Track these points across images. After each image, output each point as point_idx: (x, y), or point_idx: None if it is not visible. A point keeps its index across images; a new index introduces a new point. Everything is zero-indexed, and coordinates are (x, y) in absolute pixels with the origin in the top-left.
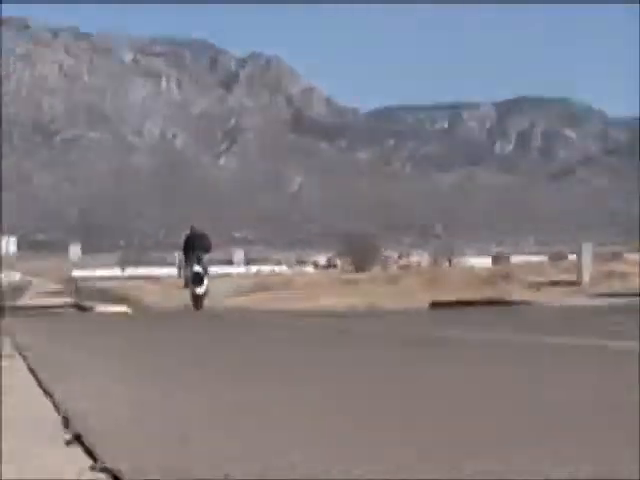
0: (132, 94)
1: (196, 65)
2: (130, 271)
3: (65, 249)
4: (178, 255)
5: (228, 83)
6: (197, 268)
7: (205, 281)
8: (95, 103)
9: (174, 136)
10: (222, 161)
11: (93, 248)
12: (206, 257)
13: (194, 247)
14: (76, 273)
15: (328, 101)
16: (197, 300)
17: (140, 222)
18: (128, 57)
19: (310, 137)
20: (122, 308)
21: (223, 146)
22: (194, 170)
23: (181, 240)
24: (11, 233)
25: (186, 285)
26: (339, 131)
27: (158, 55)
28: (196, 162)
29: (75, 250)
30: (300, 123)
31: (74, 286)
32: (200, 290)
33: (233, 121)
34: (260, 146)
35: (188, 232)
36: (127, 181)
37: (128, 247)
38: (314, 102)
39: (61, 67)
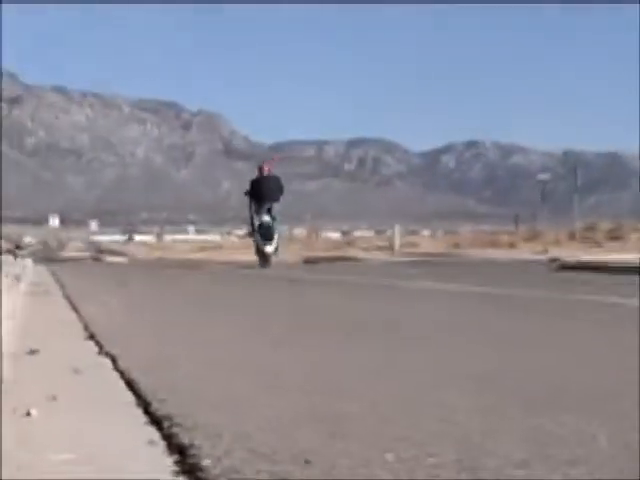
0: (129, 132)
1: (167, 115)
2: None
3: (87, 225)
4: (249, 204)
5: (186, 126)
6: (266, 219)
7: (276, 236)
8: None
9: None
10: (182, 173)
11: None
12: (276, 207)
13: (263, 194)
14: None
15: (245, 139)
16: (265, 259)
17: (134, 206)
18: (127, 110)
19: (234, 159)
20: (122, 259)
21: (183, 164)
22: (165, 178)
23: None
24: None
25: (250, 235)
26: (250, 156)
27: (146, 109)
28: (166, 173)
29: (94, 225)
30: (228, 151)
31: (93, 246)
32: (269, 248)
33: (190, 149)
34: (204, 164)
35: (255, 176)
36: (125, 182)
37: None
38: (237, 139)
39: (87, 116)
